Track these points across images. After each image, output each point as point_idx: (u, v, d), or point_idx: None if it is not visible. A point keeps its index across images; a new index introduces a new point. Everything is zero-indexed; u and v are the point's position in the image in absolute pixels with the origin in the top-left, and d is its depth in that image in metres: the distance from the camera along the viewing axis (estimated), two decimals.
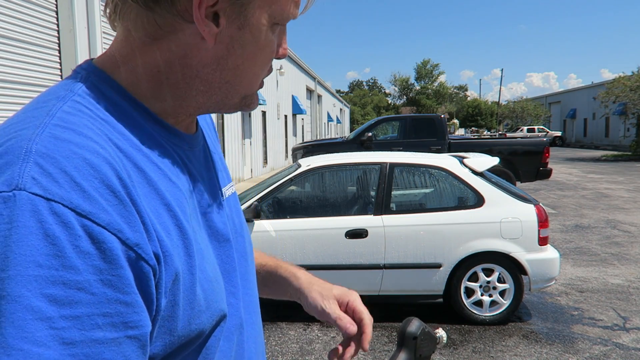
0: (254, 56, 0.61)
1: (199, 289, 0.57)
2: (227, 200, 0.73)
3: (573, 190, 12.98)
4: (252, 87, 0.64)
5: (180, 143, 0.64)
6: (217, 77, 0.61)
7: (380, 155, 4.78)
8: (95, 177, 0.48)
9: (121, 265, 0.47)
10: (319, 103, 33.77)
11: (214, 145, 0.79)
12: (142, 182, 0.54)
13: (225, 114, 0.71)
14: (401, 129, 11.95)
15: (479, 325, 4.21)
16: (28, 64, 6.32)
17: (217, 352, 0.63)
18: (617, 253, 6.56)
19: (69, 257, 0.44)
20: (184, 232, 0.56)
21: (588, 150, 33.71)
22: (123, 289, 0.47)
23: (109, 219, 0.47)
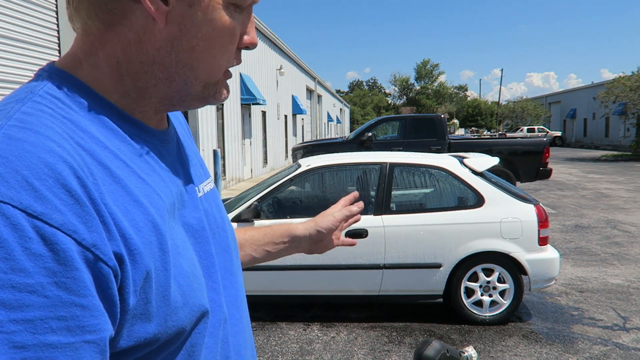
0: (210, 38, 0.59)
1: (175, 285, 0.56)
2: (206, 196, 0.72)
3: (573, 190, 12.98)
4: (213, 73, 0.62)
5: (149, 139, 0.63)
6: (174, 61, 0.59)
7: (380, 155, 4.78)
8: (50, 176, 0.46)
9: (76, 267, 0.45)
10: (319, 103, 33.77)
11: (187, 142, 0.77)
12: (107, 180, 0.52)
13: (191, 108, 0.68)
14: (401, 129, 11.95)
15: (479, 325, 4.21)
16: (28, 64, 6.32)
17: (203, 349, 0.62)
18: (617, 253, 6.56)
19: (18, 260, 0.43)
20: (156, 228, 0.55)
21: (588, 150, 33.71)
22: (79, 291, 0.45)
23: (62, 219, 0.46)
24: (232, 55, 0.62)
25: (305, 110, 26.55)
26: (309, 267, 4.20)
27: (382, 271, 4.17)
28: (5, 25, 5.91)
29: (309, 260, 4.19)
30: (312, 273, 4.23)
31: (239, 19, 0.61)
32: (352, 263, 4.18)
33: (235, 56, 0.63)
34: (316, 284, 4.28)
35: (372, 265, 4.17)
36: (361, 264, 4.17)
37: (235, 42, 0.62)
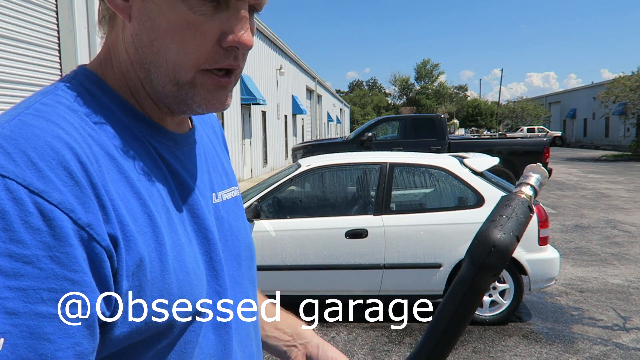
0: (167, 32, 0.58)
1: (173, 278, 0.58)
2: (224, 204, 0.74)
3: (573, 190, 12.98)
4: (179, 71, 0.59)
5: (163, 140, 0.65)
6: (142, 57, 0.60)
7: (380, 155, 4.78)
8: (54, 158, 0.50)
9: (71, 244, 0.48)
10: (319, 103, 33.77)
11: (214, 149, 0.79)
12: (112, 169, 0.56)
13: (187, 112, 0.63)
14: (401, 129, 11.95)
15: (479, 325, 4.21)
16: (28, 64, 6.32)
17: (197, 348, 0.63)
18: (617, 253, 6.56)
19: (17, 232, 0.46)
20: (153, 221, 0.57)
21: (588, 150, 33.71)
22: (71, 266, 0.48)
23: (61, 198, 0.48)
24: (205, 55, 0.58)
25: (305, 110, 26.55)
26: (309, 267, 4.20)
27: (382, 271, 4.17)
28: (5, 25, 5.91)
29: (309, 260, 4.19)
30: (312, 273, 4.23)
31: (211, 15, 0.58)
32: (352, 263, 4.18)
33: (219, 56, 0.59)
34: (316, 284, 4.28)
35: (372, 265, 4.17)
36: (361, 264, 4.17)
37: (204, 40, 0.58)
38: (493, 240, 0.55)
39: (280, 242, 4.19)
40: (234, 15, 0.59)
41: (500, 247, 0.55)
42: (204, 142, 0.75)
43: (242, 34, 0.59)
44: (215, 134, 0.83)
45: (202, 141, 0.75)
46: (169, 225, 0.60)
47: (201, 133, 0.76)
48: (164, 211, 0.60)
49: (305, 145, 12.39)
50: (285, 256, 4.17)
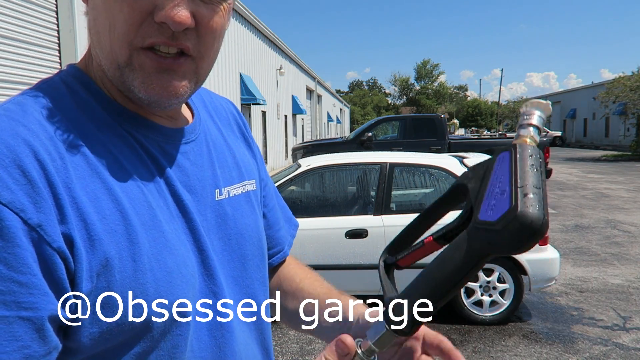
0: (100, 10, 0.56)
1: (149, 277, 0.55)
2: (230, 200, 0.70)
3: (573, 190, 12.98)
4: (117, 49, 0.56)
5: (150, 134, 0.63)
6: (93, 42, 0.58)
7: (380, 155, 4.78)
8: (7, 156, 0.48)
9: (18, 245, 0.46)
10: (319, 103, 33.78)
11: (229, 142, 0.76)
12: (81, 166, 0.54)
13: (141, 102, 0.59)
14: (401, 129, 11.95)
15: (479, 325, 4.21)
16: (28, 64, 6.32)
17: (187, 351, 0.60)
18: (617, 253, 6.56)
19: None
20: (126, 218, 0.55)
21: (588, 150, 33.71)
22: (18, 268, 0.46)
23: (12, 197, 0.47)
24: (135, 28, 0.55)
25: (305, 110, 26.55)
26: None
27: None
28: (5, 25, 5.91)
29: (309, 260, 4.19)
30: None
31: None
32: (352, 263, 4.18)
33: (151, 31, 0.55)
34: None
35: (372, 265, 4.17)
36: (361, 264, 4.17)
37: (133, 14, 0.54)
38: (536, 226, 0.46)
39: None
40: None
41: (543, 230, 0.47)
42: (211, 135, 0.72)
43: (172, 8, 0.54)
44: (229, 126, 0.80)
45: (208, 135, 0.72)
46: (151, 222, 0.57)
47: (207, 126, 0.73)
48: (145, 207, 0.58)
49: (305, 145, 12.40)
50: None
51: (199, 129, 0.71)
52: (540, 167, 0.52)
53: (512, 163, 0.52)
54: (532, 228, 0.46)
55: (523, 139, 0.55)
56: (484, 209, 0.51)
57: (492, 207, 0.50)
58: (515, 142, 0.55)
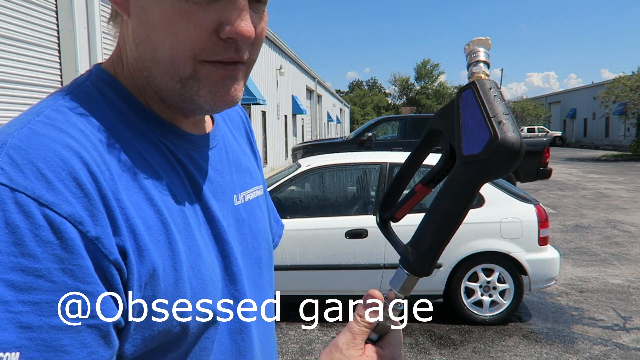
0: (161, 24, 0.55)
1: (187, 286, 0.57)
2: (245, 205, 0.72)
3: (573, 190, 12.98)
4: (179, 65, 0.56)
5: (180, 142, 0.64)
6: (142, 54, 0.58)
7: (380, 155, 4.78)
8: (63, 169, 0.49)
9: (82, 256, 0.48)
10: (319, 103, 33.78)
11: (242, 148, 0.78)
12: (124, 176, 0.54)
13: (197, 113, 0.63)
14: (401, 129, 11.96)
15: (479, 325, 4.20)
16: (28, 64, 6.32)
17: (212, 355, 0.62)
18: (617, 253, 6.55)
19: (28, 245, 0.45)
20: (167, 228, 0.56)
21: (588, 150, 33.71)
22: (84, 278, 0.48)
23: (71, 210, 0.48)
24: (202, 46, 0.55)
25: (305, 110, 26.55)
26: (309, 267, 4.20)
27: (382, 271, 4.17)
28: (5, 25, 5.91)
29: (309, 260, 4.19)
30: (312, 273, 4.23)
31: (206, 4, 0.54)
32: (352, 263, 4.18)
33: (219, 48, 0.56)
34: (316, 284, 4.28)
35: (372, 265, 4.17)
36: (361, 264, 4.17)
37: (199, 31, 0.55)
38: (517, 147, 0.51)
39: (280, 242, 4.17)
40: (231, 4, 0.55)
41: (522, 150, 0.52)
42: (227, 141, 0.74)
43: (240, 23, 0.55)
44: (240, 131, 0.81)
45: (226, 140, 0.73)
46: (186, 231, 0.59)
47: (224, 132, 0.74)
48: (180, 216, 0.59)
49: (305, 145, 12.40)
50: (285, 256, 4.17)
51: (219, 135, 0.72)
52: (501, 96, 0.56)
53: (477, 98, 0.55)
54: (514, 150, 0.51)
55: (478, 75, 0.58)
56: (465, 144, 0.55)
57: (472, 141, 0.54)
58: (472, 80, 0.58)
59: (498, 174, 0.53)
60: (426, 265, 0.60)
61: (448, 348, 3.82)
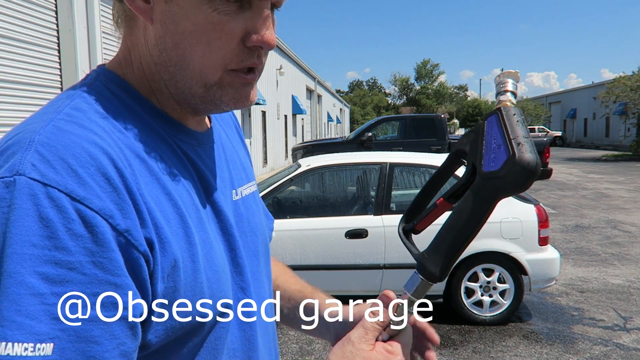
0: (192, 34, 0.57)
1: (203, 276, 0.59)
2: (243, 200, 0.75)
3: (573, 190, 12.98)
4: (207, 72, 0.59)
5: (187, 139, 0.66)
6: (166, 60, 0.60)
7: (380, 155, 4.78)
8: (92, 164, 0.51)
9: (112, 249, 0.49)
10: (319, 103, 33.78)
11: (232, 145, 0.80)
12: (143, 172, 0.56)
13: (212, 112, 0.66)
14: (401, 129, 11.96)
15: (479, 326, 4.20)
16: (28, 64, 6.32)
17: (226, 343, 0.65)
18: (617, 253, 6.55)
19: (61, 239, 0.47)
20: (184, 221, 0.58)
21: (588, 150, 33.71)
22: (113, 271, 0.49)
23: (101, 204, 0.50)
24: (231, 55, 0.59)
25: (305, 110, 26.55)
26: (309, 267, 4.20)
27: (382, 271, 4.16)
28: (5, 25, 5.90)
29: (309, 260, 4.18)
30: (312, 273, 4.22)
31: (235, 14, 0.58)
32: (352, 263, 4.18)
33: (245, 55, 0.59)
34: (316, 284, 4.27)
35: (372, 265, 4.16)
36: (361, 264, 4.17)
37: (230, 40, 0.58)
38: (533, 167, 0.56)
39: (280, 242, 4.18)
40: (257, 14, 0.59)
41: (538, 170, 0.57)
42: (222, 139, 0.76)
43: (266, 32, 0.59)
44: (231, 129, 0.84)
45: (221, 138, 0.76)
46: (199, 224, 0.61)
47: (219, 130, 0.77)
48: (194, 210, 0.61)
49: (305, 145, 12.40)
50: (285, 256, 4.16)
51: (216, 131, 0.75)
52: (524, 122, 0.62)
53: (501, 122, 0.61)
54: (529, 168, 0.56)
55: (504, 102, 0.64)
56: (486, 162, 0.60)
57: (492, 159, 0.59)
58: (499, 106, 0.64)
59: (514, 191, 0.58)
60: (441, 271, 0.63)
61: (448, 348, 3.82)
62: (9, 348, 0.44)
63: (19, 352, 0.44)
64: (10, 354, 0.44)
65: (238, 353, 0.67)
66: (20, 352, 0.44)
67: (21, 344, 0.45)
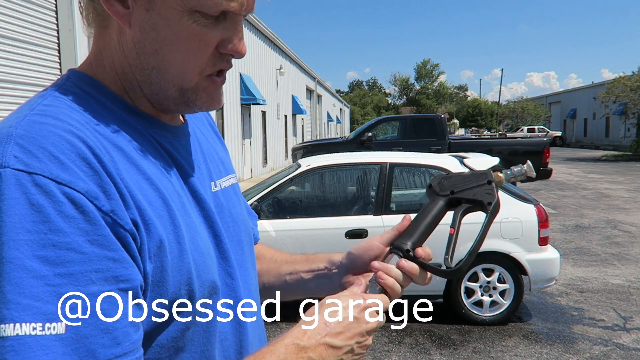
0: (172, 43, 0.61)
1: (190, 257, 0.61)
2: (222, 191, 0.77)
3: (573, 190, 12.98)
4: (185, 78, 0.63)
5: (162, 132, 0.68)
6: (143, 64, 0.63)
7: (380, 155, 4.78)
8: (72, 151, 0.53)
9: (103, 226, 0.52)
10: (319, 103, 33.77)
11: (207, 140, 0.82)
12: (122, 159, 0.58)
13: (184, 112, 0.71)
14: (401, 129, 11.96)
15: (479, 326, 4.20)
16: (28, 64, 6.32)
17: (218, 325, 0.67)
18: (617, 253, 6.55)
19: (54, 222, 0.49)
20: (167, 204, 0.61)
21: (588, 150, 33.71)
22: (110, 246, 0.52)
23: (86, 187, 0.52)
24: (207, 62, 0.63)
25: (305, 110, 26.55)
26: None
27: None
28: (5, 25, 5.91)
29: None
30: None
31: (213, 26, 0.61)
32: None
33: (217, 60, 0.64)
34: None
35: None
36: None
37: (207, 49, 0.62)
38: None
39: (280, 243, 4.18)
40: (232, 26, 0.63)
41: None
42: (197, 134, 0.79)
43: (238, 43, 0.64)
44: (205, 126, 0.86)
45: (195, 133, 0.78)
46: (182, 209, 0.63)
47: (193, 126, 0.79)
48: (176, 196, 0.64)
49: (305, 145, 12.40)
50: None
51: (191, 126, 0.77)
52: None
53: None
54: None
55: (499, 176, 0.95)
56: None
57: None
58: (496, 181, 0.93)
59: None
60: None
61: (448, 348, 3.82)
62: (17, 328, 0.46)
63: (28, 332, 0.46)
64: (19, 333, 0.46)
65: (229, 336, 0.69)
66: (29, 332, 0.46)
67: (29, 323, 0.46)
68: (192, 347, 0.63)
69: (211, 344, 0.66)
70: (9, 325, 0.46)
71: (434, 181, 0.89)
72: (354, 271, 0.84)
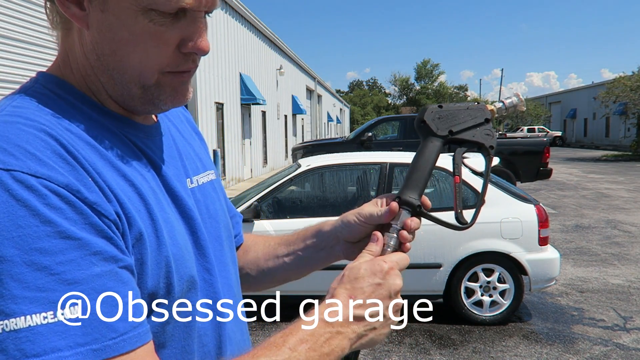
0: (129, 43, 0.60)
1: (168, 251, 0.62)
2: (200, 187, 0.77)
3: (573, 190, 12.98)
4: (145, 75, 0.62)
5: (134, 132, 0.68)
6: (103, 64, 0.62)
7: (380, 155, 4.78)
8: (47, 147, 0.53)
9: (92, 215, 0.53)
10: (319, 103, 33.77)
11: (183, 138, 0.82)
12: (96, 156, 0.59)
13: (151, 111, 0.70)
14: (401, 129, 11.96)
15: (479, 326, 4.20)
16: (28, 64, 6.32)
17: (197, 323, 0.67)
18: (617, 253, 6.55)
19: (43, 214, 0.50)
20: (144, 199, 0.61)
21: (588, 150, 33.71)
22: (102, 231, 0.53)
23: (66, 181, 0.52)
24: (168, 60, 0.62)
25: (305, 110, 26.55)
26: None
27: None
28: (5, 25, 5.91)
29: None
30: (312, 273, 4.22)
31: (171, 24, 0.60)
32: None
33: (180, 60, 0.63)
34: (316, 284, 4.27)
35: None
36: None
37: (167, 48, 0.61)
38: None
39: None
40: (192, 23, 0.62)
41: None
42: (171, 132, 0.79)
43: (200, 40, 0.63)
44: (183, 123, 0.86)
45: (170, 131, 0.78)
46: (158, 205, 0.64)
47: (167, 124, 0.79)
48: (152, 192, 0.64)
49: (305, 145, 12.41)
50: None
51: (164, 125, 0.77)
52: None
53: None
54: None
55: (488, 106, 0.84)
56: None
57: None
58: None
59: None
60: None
61: (448, 348, 3.82)
62: (28, 320, 0.47)
63: (39, 321, 0.47)
64: (31, 324, 0.47)
65: (209, 332, 0.70)
66: (41, 321, 0.47)
67: (39, 314, 0.47)
68: (173, 343, 0.64)
69: (191, 339, 0.66)
70: (20, 318, 0.47)
71: (428, 116, 0.78)
72: (352, 238, 0.87)
